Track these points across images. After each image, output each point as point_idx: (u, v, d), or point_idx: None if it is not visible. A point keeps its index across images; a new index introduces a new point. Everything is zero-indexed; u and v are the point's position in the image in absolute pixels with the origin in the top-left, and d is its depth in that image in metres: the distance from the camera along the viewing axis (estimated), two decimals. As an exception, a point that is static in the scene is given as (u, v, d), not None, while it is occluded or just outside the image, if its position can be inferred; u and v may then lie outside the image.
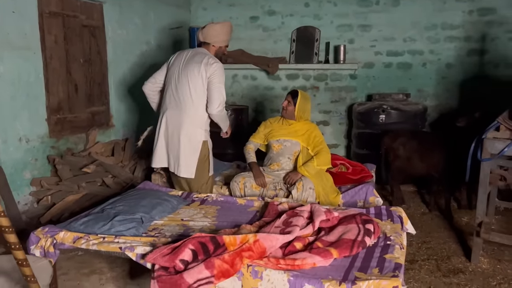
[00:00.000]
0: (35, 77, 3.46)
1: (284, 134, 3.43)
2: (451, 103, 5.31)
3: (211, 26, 3.29)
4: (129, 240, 2.39)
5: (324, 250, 2.12)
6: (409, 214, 3.96)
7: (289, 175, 3.29)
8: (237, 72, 5.80)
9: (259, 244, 2.11)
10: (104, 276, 2.85)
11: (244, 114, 5.40)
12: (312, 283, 1.90)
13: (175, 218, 2.82)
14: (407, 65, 5.38)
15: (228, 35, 3.36)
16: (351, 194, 3.35)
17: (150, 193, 3.12)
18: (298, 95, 3.39)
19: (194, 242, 2.12)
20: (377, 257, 2.15)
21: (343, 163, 3.84)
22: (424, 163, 3.95)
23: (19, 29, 3.30)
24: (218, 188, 3.64)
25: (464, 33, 5.15)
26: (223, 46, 3.37)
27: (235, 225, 2.63)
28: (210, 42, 3.29)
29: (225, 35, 3.32)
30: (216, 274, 2.00)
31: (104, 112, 4.33)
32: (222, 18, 5.74)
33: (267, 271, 2.01)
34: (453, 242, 3.43)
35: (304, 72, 5.66)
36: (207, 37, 3.28)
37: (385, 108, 4.80)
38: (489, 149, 2.87)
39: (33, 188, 3.51)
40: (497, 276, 2.87)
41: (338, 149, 5.70)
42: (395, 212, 2.72)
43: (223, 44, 3.36)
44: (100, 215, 2.67)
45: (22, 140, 3.40)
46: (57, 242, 2.42)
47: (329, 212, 2.51)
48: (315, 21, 5.53)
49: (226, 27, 3.33)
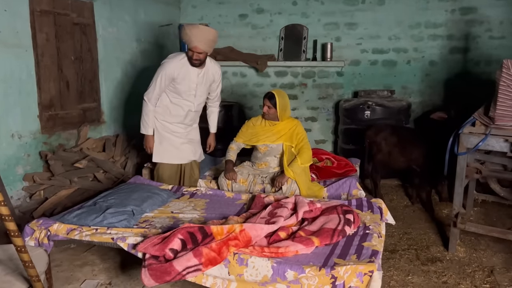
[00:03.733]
0: (27, 75, 3.53)
1: (268, 137, 3.50)
2: (434, 99, 5.48)
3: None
4: (121, 231, 2.50)
5: (306, 239, 2.25)
6: (392, 207, 4.15)
7: (277, 179, 3.37)
8: (226, 69, 5.90)
9: (245, 234, 2.23)
10: (97, 267, 2.94)
11: (234, 111, 5.50)
12: (294, 269, 2.03)
13: (165, 211, 2.92)
14: (392, 63, 5.53)
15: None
16: (335, 187, 3.48)
17: (141, 187, 3.22)
18: (275, 97, 3.41)
19: (183, 232, 2.23)
20: (356, 245, 2.28)
21: (328, 157, 3.97)
22: (405, 157, 4.11)
23: (10, 27, 3.35)
24: (207, 182, 3.75)
25: (447, 31, 5.31)
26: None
27: (223, 217, 2.75)
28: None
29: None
30: (204, 262, 2.11)
31: (95, 109, 4.40)
32: (211, 16, 5.83)
33: (252, 259, 2.12)
34: (433, 233, 3.58)
35: (292, 69, 5.78)
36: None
37: (370, 105, 4.94)
38: (465, 144, 3.02)
39: (25, 183, 3.58)
40: (473, 264, 3.02)
41: (325, 145, 5.83)
42: (375, 204, 2.86)
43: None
44: (93, 208, 2.76)
45: (14, 136, 3.46)
46: (51, 234, 2.51)
47: (312, 203, 2.63)
48: (303, 19, 5.65)
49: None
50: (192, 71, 3.35)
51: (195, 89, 3.43)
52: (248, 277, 2.12)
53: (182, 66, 3.33)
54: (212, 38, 3.25)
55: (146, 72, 5.08)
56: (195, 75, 3.37)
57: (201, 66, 3.37)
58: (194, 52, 3.23)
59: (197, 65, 3.31)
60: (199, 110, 3.62)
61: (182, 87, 3.38)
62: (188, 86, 3.39)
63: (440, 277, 2.84)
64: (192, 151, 3.61)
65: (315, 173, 3.73)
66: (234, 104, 5.58)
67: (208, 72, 3.46)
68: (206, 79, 3.47)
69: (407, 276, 2.84)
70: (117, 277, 2.81)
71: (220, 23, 5.83)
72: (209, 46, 3.27)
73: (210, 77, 3.49)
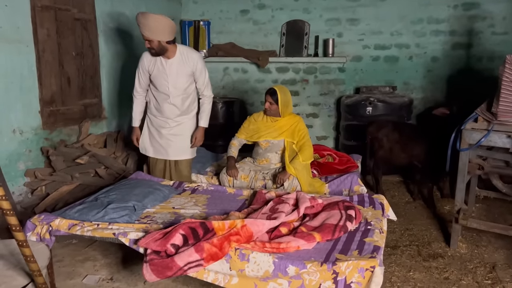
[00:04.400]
0: (28, 70, 3.52)
1: (270, 133, 3.50)
2: (436, 95, 5.46)
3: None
4: (122, 227, 2.50)
5: (308, 234, 2.25)
6: (393, 203, 4.14)
7: (278, 176, 3.37)
8: (228, 65, 5.89)
9: (246, 229, 2.23)
10: (98, 262, 2.95)
11: (235, 106, 5.49)
12: (295, 264, 2.03)
13: (167, 206, 2.92)
14: (394, 59, 5.50)
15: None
16: (337, 183, 3.47)
17: (142, 182, 3.22)
18: (277, 93, 3.41)
19: (184, 227, 2.23)
20: (358, 241, 2.28)
21: (330, 153, 3.97)
22: (407, 153, 4.10)
23: (11, 22, 3.34)
24: (208, 178, 3.75)
25: (449, 27, 5.28)
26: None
27: (224, 213, 2.75)
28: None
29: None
30: (205, 257, 2.12)
31: (97, 105, 4.39)
32: (212, 11, 5.82)
33: (253, 254, 2.12)
34: (435, 229, 3.58)
35: (294, 65, 5.76)
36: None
37: (371, 101, 4.92)
38: (467, 140, 3.01)
39: (27, 179, 3.58)
40: (474, 260, 3.02)
41: (327, 141, 5.82)
42: (377, 200, 2.85)
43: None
44: (94, 203, 2.77)
45: (16, 132, 3.46)
46: (52, 229, 2.52)
47: (313, 199, 2.63)
48: (305, 15, 5.62)
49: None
50: (163, 62, 3.37)
51: (167, 80, 3.40)
52: (250, 273, 2.12)
53: (155, 58, 3.39)
54: (155, 24, 3.19)
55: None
56: (165, 66, 3.38)
57: (167, 55, 3.35)
58: (146, 41, 3.27)
59: (153, 54, 3.33)
60: (178, 103, 3.49)
61: (156, 80, 3.43)
62: (161, 78, 3.41)
63: (442, 273, 2.83)
64: (166, 148, 3.56)
65: (316, 169, 3.72)
66: (236, 100, 5.58)
67: (182, 61, 3.39)
68: (180, 69, 3.40)
69: (408, 272, 2.83)
70: (119, 273, 2.81)
71: (221, 19, 5.82)
72: (155, 33, 3.21)
73: (186, 67, 3.40)
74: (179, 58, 3.38)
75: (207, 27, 5.65)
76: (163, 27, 3.23)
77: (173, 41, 3.35)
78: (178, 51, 3.38)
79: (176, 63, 3.38)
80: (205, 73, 3.50)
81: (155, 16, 3.23)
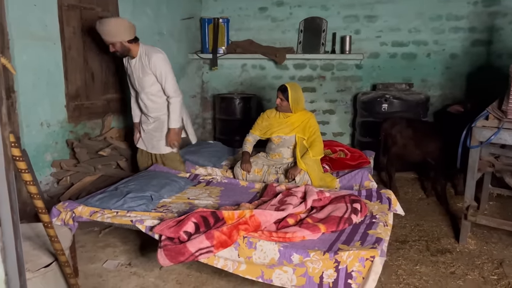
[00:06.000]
0: (55, 66, 3.71)
1: (282, 129, 3.59)
2: (454, 92, 5.42)
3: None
4: (140, 215, 2.66)
5: (313, 225, 2.35)
6: (406, 199, 4.19)
7: (289, 171, 3.47)
8: (246, 62, 6.00)
9: (255, 219, 2.35)
10: (118, 249, 3.12)
11: (252, 102, 5.62)
12: (299, 253, 2.13)
13: (182, 197, 3.07)
14: (411, 56, 5.50)
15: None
16: (348, 179, 3.55)
17: (159, 174, 3.38)
18: (287, 90, 3.49)
19: (196, 216, 2.37)
20: (361, 233, 2.37)
21: (342, 149, 4.04)
22: (420, 150, 4.12)
23: (40, 21, 3.54)
24: (223, 171, 3.88)
25: (469, 23, 5.24)
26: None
27: (236, 204, 2.87)
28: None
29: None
30: (215, 244, 2.25)
31: (118, 101, 4.58)
32: (232, 9, 5.93)
33: (260, 242, 2.24)
34: (445, 225, 3.61)
35: (311, 62, 5.83)
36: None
37: (387, 98, 4.95)
38: (477, 137, 3.03)
39: (53, 170, 3.79)
40: (482, 256, 3.05)
41: (343, 137, 5.87)
42: (384, 194, 2.92)
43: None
44: (114, 193, 2.94)
45: (43, 125, 3.66)
46: (75, 215, 2.70)
47: (321, 192, 2.73)
48: (322, 11, 5.67)
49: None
50: (131, 62, 3.61)
51: (135, 79, 3.64)
52: (257, 260, 2.24)
53: (127, 59, 3.65)
54: (112, 28, 3.39)
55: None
56: (131, 66, 3.62)
57: (131, 55, 3.55)
58: (108, 44, 3.48)
59: (120, 56, 3.61)
60: (148, 100, 3.68)
61: (130, 78, 3.73)
62: (132, 77, 3.68)
63: (448, 267, 2.88)
64: (148, 142, 3.84)
65: (328, 164, 3.80)
66: (253, 96, 5.69)
67: (143, 62, 3.55)
68: (142, 69, 3.57)
69: (415, 266, 2.90)
70: (136, 258, 2.98)
71: (240, 16, 5.93)
72: (113, 35, 3.41)
73: (145, 67, 3.55)
74: (140, 58, 3.56)
75: (226, 25, 5.77)
76: (120, 28, 3.43)
77: (135, 40, 3.53)
78: (140, 51, 3.54)
79: (138, 62, 3.57)
80: (166, 75, 3.54)
81: (111, 20, 3.49)
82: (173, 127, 3.64)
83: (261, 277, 2.24)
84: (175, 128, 3.64)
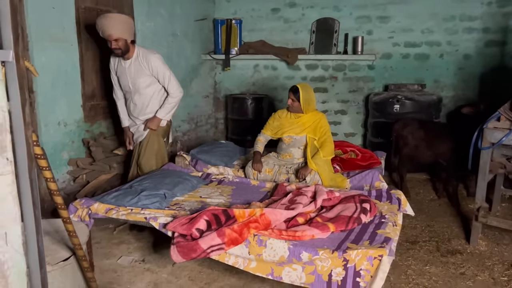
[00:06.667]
0: (72, 67, 3.81)
1: (293, 129, 3.63)
2: (468, 93, 5.39)
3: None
4: (153, 212, 2.73)
5: (323, 224, 2.39)
6: (418, 200, 4.19)
7: (300, 171, 3.51)
8: (258, 62, 6.05)
9: (265, 217, 2.40)
10: (132, 245, 3.20)
11: (264, 103, 5.67)
12: (308, 251, 2.18)
13: (194, 195, 3.14)
14: (424, 56, 5.48)
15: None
16: (358, 179, 3.57)
17: (173, 173, 3.45)
18: (299, 90, 3.53)
19: (208, 214, 2.43)
20: (370, 232, 2.40)
21: (353, 150, 4.06)
22: (432, 151, 4.12)
23: (58, 23, 3.64)
24: (235, 171, 3.94)
25: (483, 24, 5.21)
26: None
27: (247, 203, 2.92)
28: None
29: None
30: (226, 241, 2.30)
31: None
32: (244, 10, 5.99)
33: (270, 240, 2.29)
34: (456, 226, 3.61)
35: (323, 63, 5.85)
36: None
37: (399, 98, 4.95)
38: (488, 138, 3.03)
39: (70, 168, 3.89)
40: (493, 258, 3.04)
41: (355, 138, 5.88)
42: (394, 195, 2.95)
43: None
44: (129, 190, 3.02)
45: (60, 124, 3.76)
46: (91, 212, 2.78)
47: (331, 192, 2.76)
48: (335, 12, 5.69)
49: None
50: (124, 63, 3.56)
51: (127, 80, 3.59)
52: (267, 257, 2.29)
53: (118, 60, 3.59)
54: (122, 23, 3.35)
55: (180, 65, 5.33)
56: (125, 66, 3.56)
57: (127, 56, 3.51)
58: (111, 41, 3.38)
59: (120, 55, 3.48)
60: (140, 102, 3.65)
61: (120, 80, 3.66)
62: (123, 78, 3.62)
63: (458, 268, 2.89)
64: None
65: (339, 165, 3.83)
66: (265, 96, 5.75)
67: (139, 63, 3.54)
68: (138, 70, 3.55)
69: (425, 266, 2.91)
70: (150, 255, 3.05)
71: (253, 17, 5.98)
72: (122, 31, 3.36)
73: (143, 68, 3.54)
74: (136, 59, 3.54)
75: (239, 26, 5.84)
76: (128, 25, 3.42)
77: (134, 42, 3.56)
78: (136, 52, 3.55)
79: (133, 63, 3.55)
80: (165, 73, 3.58)
81: (120, 15, 3.44)
82: (161, 117, 3.64)
83: (271, 274, 2.29)
84: (161, 119, 3.64)
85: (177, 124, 5.30)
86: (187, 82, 5.51)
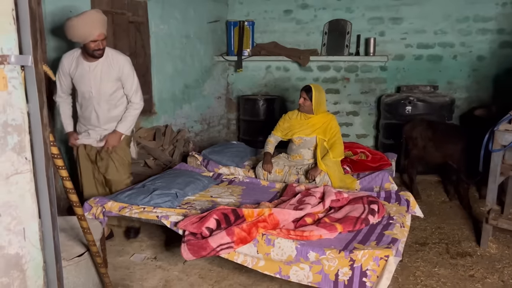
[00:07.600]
0: (88, 69, 3.91)
1: (303, 130, 3.66)
2: (481, 95, 5.35)
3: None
4: (165, 211, 2.80)
5: (330, 225, 2.42)
6: (428, 202, 4.18)
7: (310, 172, 3.53)
8: (270, 64, 6.09)
9: (273, 217, 2.45)
10: (144, 243, 3.29)
11: (276, 104, 5.71)
12: (315, 251, 2.22)
13: (205, 195, 3.20)
14: (437, 58, 5.46)
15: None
16: (368, 180, 3.59)
17: (185, 173, 3.52)
18: (312, 90, 3.56)
19: (218, 213, 2.49)
20: (378, 233, 2.42)
21: (363, 151, 4.07)
22: (440, 153, 4.10)
23: (75, 26, 3.75)
24: (245, 171, 3.99)
25: (497, 25, 5.16)
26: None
27: (256, 203, 2.97)
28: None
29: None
30: (235, 240, 2.35)
31: (148, 101, 4.74)
32: (257, 12, 6.04)
33: (278, 240, 2.34)
34: (467, 228, 3.60)
35: (335, 64, 5.87)
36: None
37: (411, 100, 4.94)
38: (499, 141, 3.02)
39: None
40: (504, 261, 3.03)
41: (366, 139, 5.88)
42: (403, 196, 2.96)
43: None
44: (142, 189, 3.10)
45: (76, 124, 3.87)
46: (105, 210, 2.87)
47: (339, 193, 2.79)
48: (347, 14, 5.70)
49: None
50: (88, 65, 3.03)
51: (90, 85, 3.05)
52: (275, 256, 2.33)
53: (76, 61, 3.04)
54: (101, 18, 2.92)
55: (193, 66, 5.41)
56: (89, 68, 3.03)
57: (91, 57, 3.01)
58: (99, 41, 2.91)
59: (100, 55, 2.99)
60: (104, 110, 3.13)
61: (79, 84, 3.08)
62: (84, 82, 3.06)
63: (468, 270, 2.89)
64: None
65: (349, 166, 3.85)
66: (277, 97, 5.79)
67: (108, 65, 3.05)
68: (105, 73, 3.05)
69: (434, 268, 2.92)
70: (162, 253, 3.13)
71: (265, 19, 6.03)
72: (105, 27, 2.95)
73: (111, 70, 3.06)
74: (105, 60, 3.04)
75: (252, 27, 5.89)
76: (106, 20, 3.00)
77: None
78: (105, 53, 3.04)
79: (101, 66, 3.04)
80: (133, 78, 3.15)
81: (93, 11, 3.00)
82: (122, 132, 3.16)
83: (279, 273, 2.34)
84: (122, 133, 3.17)
85: (190, 124, 5.38)
86: (200, 83, 5.59)
